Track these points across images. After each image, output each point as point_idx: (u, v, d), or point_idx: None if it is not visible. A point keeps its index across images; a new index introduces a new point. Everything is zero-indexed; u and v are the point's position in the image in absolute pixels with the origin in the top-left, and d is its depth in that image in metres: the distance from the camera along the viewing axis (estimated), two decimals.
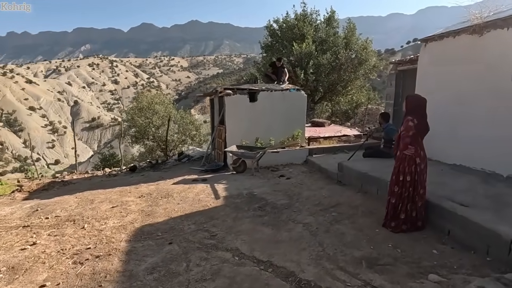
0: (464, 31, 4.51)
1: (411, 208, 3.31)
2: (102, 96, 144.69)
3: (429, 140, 5.22)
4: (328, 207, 4.13)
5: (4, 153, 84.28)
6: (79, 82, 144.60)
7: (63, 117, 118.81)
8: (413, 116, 3.17)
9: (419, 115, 3.18)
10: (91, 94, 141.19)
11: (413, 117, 3.17)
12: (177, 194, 5.06)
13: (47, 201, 5.24)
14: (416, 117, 3.16)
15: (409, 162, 3.23)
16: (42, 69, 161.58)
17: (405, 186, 3.27)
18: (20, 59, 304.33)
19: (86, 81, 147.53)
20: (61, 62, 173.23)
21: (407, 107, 3.28)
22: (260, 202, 4.44)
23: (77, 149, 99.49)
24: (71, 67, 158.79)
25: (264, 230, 3.49)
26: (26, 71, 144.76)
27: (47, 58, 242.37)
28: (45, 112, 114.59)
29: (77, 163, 9.84)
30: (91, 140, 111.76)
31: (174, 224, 3.78)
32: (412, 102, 3.26)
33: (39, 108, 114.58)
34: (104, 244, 3.38)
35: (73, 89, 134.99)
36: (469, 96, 4.57)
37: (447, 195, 3.56)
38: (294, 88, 7.51)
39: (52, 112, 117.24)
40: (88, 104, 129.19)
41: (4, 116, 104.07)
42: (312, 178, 5.85)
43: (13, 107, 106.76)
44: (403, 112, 3.38)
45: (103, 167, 12.74)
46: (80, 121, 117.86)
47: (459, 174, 4.47)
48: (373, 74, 17.25)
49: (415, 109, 3.22)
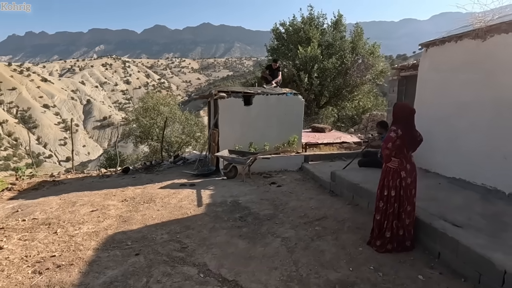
0: (466, 36, 4.21)
1: (397, 226, 3.03)
2: (114, 96, 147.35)
3: (427, 151, 4.96)
4: (313, 220, 3.88)
5: (18, 149, 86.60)
6: (92, 81, 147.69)
7: (76, 115, 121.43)
8: (397, 126, 2.90)
9: (405, 125, 2.91)
10: (103, 94, 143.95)
11: (397, 127, 2.90)
12: (160, 199, 4.88)
13: (30, 202, 5.14)
14: (400, 127, 2.89)
15: (393, 175, 2.96)
16: (58, 68, 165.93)
17: (389, 201, 3.00)
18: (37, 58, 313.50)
19: (99, 80, 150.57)
20: (75, 61, 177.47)
21: (393, 116, 3.01)
22: (242, 212, 4.22)
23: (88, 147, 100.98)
24: (85, 66, 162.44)
25: (239, 244, 3.26)
26: (42, 70, 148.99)
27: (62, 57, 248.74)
28: (58, 110, 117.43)
29: (73, 162, 9.82)
30: (101, 138, 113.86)
31: (147, 233, 3.60)
32: (398, 112, 2.99)
33: (53, 106, 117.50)
34: (70, 252, 3.22)
35: (86, 88, 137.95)
36: (471, 106, 4.25)
37: (439, 213, 3.26)
38: (291, 92, 7.28)
39: (65, 110, 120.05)
40: (100, 103, 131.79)
41: (19, 113, 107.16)
42: (304, 187, 5.60)
43: (28, 105, 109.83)
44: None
45: (107, 166, 12.74)
46: (91, 120, 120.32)
47: (457, 188, 4.15)
48: (381, 80, 16.85)
49: (400, 118, 2.96)
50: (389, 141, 2.89)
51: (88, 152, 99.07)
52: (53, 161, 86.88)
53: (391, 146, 2.89)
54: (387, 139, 2.92)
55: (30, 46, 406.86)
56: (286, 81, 15.15)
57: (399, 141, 2.91)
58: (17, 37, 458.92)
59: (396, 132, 2.89)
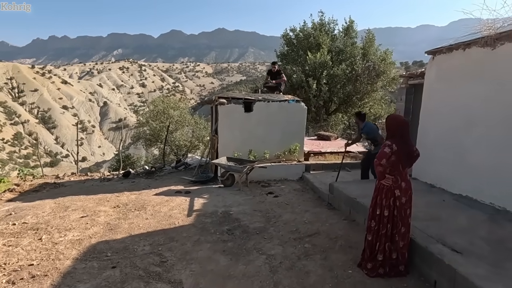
0: (474, 43, 3.94)
1: (390, 249, 2.79)
2: (130, 98, 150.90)
3: (433, 165, 4.67)
4: (304, 236, 3.67)
5: (37, 148, 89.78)
6: (109, 84, 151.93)
7: (93, 116, 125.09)
8: (392, 141, 2.67)
9: (399, 139, 2.68)
10: (120, 96, 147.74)
11: (392, 142, 2.67)
12: (152, 207, 4.79)
13: (25, 205, 5.17)
14: (395, 142, 2.66)
15: (386, 194, 2.72)
16: (77, 70, 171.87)
17: (382, 221, 2.76)
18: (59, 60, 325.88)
19: (116, 83, 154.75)
20: (94, 64, 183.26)
21: (387, 130, 2.78)
22: (231, 224, 4.06)
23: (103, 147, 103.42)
24: (103, 69, 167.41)
25: (221, 260, 3.10)
26: (63, 72, 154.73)
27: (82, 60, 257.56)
28: (76, 111, 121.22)
29: (78, 165, 9.94)
30: (116, 140, 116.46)
31: (130, 243, 3.49)
32: (391, 125, 2.76)
33: (72, 107, 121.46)
34: (49, 261, 3.15)
35: (104, 90, 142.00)
36: (480, 118, 3.96)
37: (439, 235, 3.00)
38: (293, 100, 7.10)
39: (83, 111, 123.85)
40: (116, 105, 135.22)
41: (40, 113, 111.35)
42: (301, 198, 5.38)
43: (48, 106, 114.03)
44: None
45: (117, 168, 12.85)
46: (107, 121, 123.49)
47: (462, 207, 3.84)
48: (393, 87, 16.39)
49: (394, 132, 2.73)
50: (383, 157, 2.67)
51: (103, 152, 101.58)
52: (69, 160, 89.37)
53: (385, 163, 2.67)
54: (381, 155, 2.70)
55: (52, 50, 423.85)
56: (295, 87, 14.97)
57: (394, 157, 2.68)
58: (41, 40, 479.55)
59: (391, 147, 2.66)
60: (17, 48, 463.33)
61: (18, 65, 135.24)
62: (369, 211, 2.89)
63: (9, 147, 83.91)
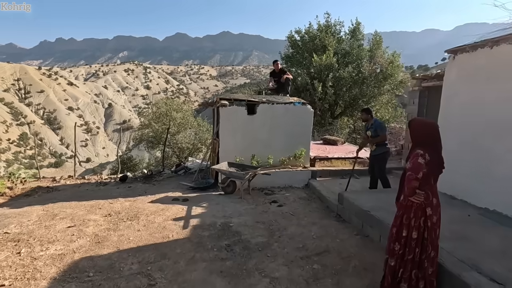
0: (504, 40, 3.53)
1: (417, 277, 2.37)
2: (134, 100, 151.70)
3: (454, 174, 4.20)
4: (312, 255, 3.26)
5: (42, 148, 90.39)
6: (115, 86, 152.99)
7: (97, 118, 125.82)
8: (425, 150, 2.25)
9: (432, 147, 2.27)
10: (124, 98, 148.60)
11: (424, 151, 2.24)
12: (145, 216, 4.41)
13: (11, 212, 4.82)
14: (428, 152, 2.24)
15: (416, 212, 2.30)
16: (83, 72, 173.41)
17: (409, 245, 2.34)
18: (65, 62, 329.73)
19: (120, 85, 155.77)
20: (100, 66, 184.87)
21: (414, 136, 2.36)
22: (231, 238, 3.66)
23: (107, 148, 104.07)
24: (109, 71, 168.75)
25: (217, 284, 2.70)
26: (69, 74, 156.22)
27: (88, 62, 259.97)
28: (81, 112, 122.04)
29: (75, 168, 9.61)
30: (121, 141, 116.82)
31: (116, 260, 3.10)
32: (421, 130, 2.34)
33: (77, 109, 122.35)
34: (24, 280, 2.77)
35: (109, 92, 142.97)
36: (510, 123, 3.54)
37: (471, 259, 2.57)
38: (299, 102, 6.71)
39: (88, 113, 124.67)
40: (120, 107, 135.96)
41: (45, 114, 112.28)
42: (308, 208, 4.97)
43: (54, 107, 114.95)
44: (409, 142, 2.48)
45: (116, 171, 12.55)
46: (112, 123, 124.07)
47: (491, 223, 3.41)
48: (400, 90, 15.94)
49: (425, 139, 2.30)
50: (420, 169, 2.22)
51: (107, 154, 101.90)
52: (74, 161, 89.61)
53: (421, 176, 2.24)
54: (416, 168, 2.24)
55: (59, 52, 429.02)
56: (300, 89, 14.58)
57: (425, 169, 2.26)
58: (48, 42, 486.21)
59: (424, 157, 2.23)
60: (25, 50, 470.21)
61: (25, 67, 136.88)
62: (392, 231, 2.47)
63: (15, 147, 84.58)
